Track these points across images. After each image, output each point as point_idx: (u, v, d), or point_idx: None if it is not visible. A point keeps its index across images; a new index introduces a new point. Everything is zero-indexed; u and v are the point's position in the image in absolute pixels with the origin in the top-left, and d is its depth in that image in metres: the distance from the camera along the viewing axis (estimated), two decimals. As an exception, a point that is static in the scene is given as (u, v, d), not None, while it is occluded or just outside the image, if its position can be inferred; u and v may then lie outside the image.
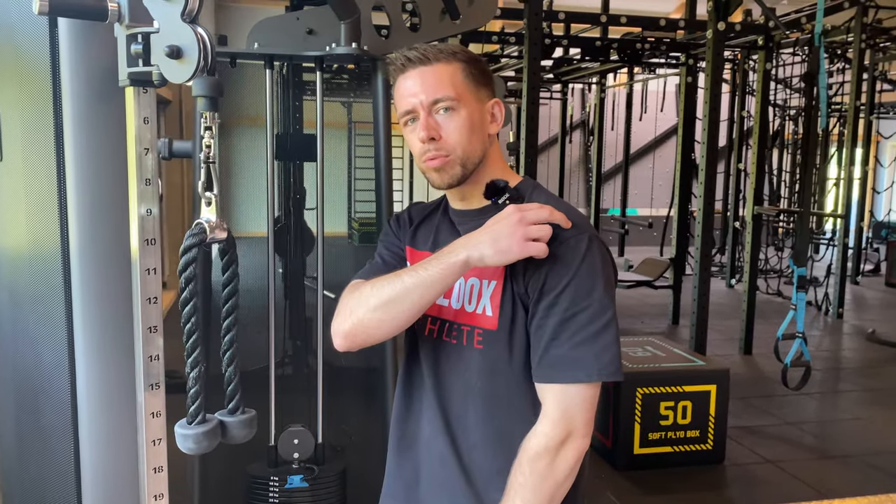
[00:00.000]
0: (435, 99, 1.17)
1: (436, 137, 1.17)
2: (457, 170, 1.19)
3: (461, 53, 1.21)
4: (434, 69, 1.18)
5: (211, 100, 1.04)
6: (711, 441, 3.74)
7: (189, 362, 1.11)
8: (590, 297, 1.09)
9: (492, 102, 1.23)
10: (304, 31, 2.31)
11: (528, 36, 4.01)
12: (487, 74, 1.23)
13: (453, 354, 1.22)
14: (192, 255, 1.06)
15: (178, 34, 1.07)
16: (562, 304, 1.10)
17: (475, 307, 1.19)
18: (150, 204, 1.23)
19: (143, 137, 1.21)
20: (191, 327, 1.10)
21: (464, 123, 1.17)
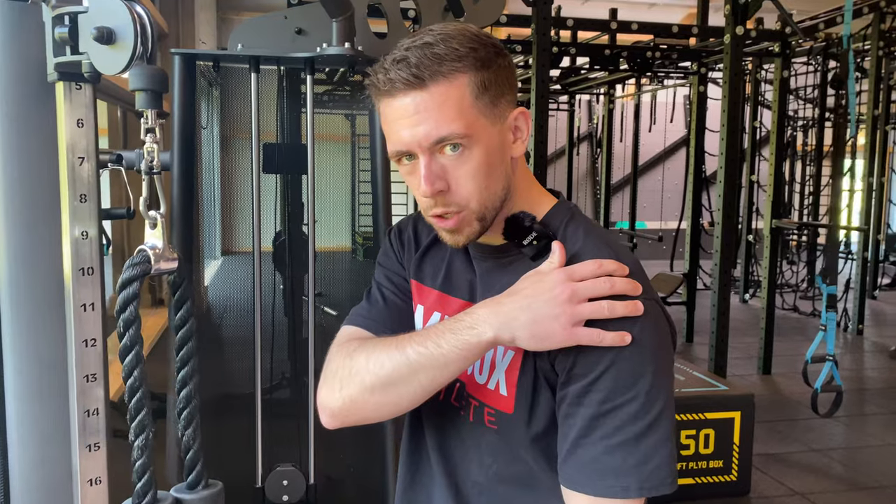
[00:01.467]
0: (438, 139, 0.85)
1: (443, 190, 0.87)
2: (474, 226, 0.90)
3: (471, 57, 0.85)
4: (433, 95, 0.84)
5: (153, 95, 0.82)
6: (736, 472, 3.49)
7: (133, 427, 0.88)
8: (635, 386, 0.82)
9: (514, 114, 0.90)
10: (292, 31, 2.10)
11: (536, 42, 3.80)
12: (507, 71, 0.89)
13: (463, 427, 0.97)
14: (131, 290, 0.83)
15: (110, 13, 0.86)
16: (598, 393, 0.82)
17: (487, 380, 0.93)
18: (87, 225, 1.01)
19: (77, 144, 1.00)
20: (133, 383, 0.88)
21: (479, 166, 0.86)
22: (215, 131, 12.04)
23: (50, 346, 1.12)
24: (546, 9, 3.81)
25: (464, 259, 1.02)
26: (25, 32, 1.08)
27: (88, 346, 1.01)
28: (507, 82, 0.89)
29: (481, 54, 0.86)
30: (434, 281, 1.03)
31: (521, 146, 0.91)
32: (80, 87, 0.98)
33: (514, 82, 0.92)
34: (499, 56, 0.88)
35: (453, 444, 0.98)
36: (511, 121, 0.90)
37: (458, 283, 1.02)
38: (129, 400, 0.88)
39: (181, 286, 0.91)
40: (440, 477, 1.00)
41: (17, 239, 1.14)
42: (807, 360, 3.58)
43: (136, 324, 0.86)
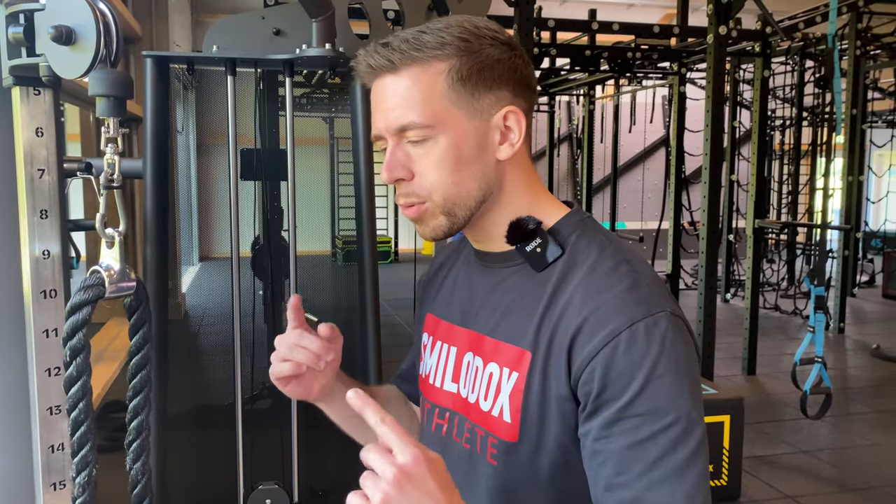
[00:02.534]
0: (401, 125, 0.81)
1: (405, 178, 0.83)
2: (440, 220, 0.84)
3: (454, 43, 0.80)
4: (402, 80, 0.81)
5: (115, 101, 0.74)
6: (726, 476, 3.45)
7: (76, 463, 0.79)
8: (673, 410, 0.74)
9: (503, 113, 0.83)
10: (270, 31, 2.02)
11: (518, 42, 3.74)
12: (502, 65, 0.82)
13: (465, 462, 0.89)
14: (81, 316, 0.74)
15: (69, 11, 0.77)
16: (631, 422, 0.74)
17: (491, 406, 0.85)
18: (49, 243, 0.93)
19: (36, 155, 0.91)
20: (78, 415, 0.79)
21: (444, 158, 0.81)
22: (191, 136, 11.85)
23: (6, 376, 1.03)
24: (528, 9, 3.75)
25: (466, 275, 0.96)
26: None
27: (52, 375, 0.93)
28: (498, 77, 0.82)
29: (471, 44, 0.81)
30: (447, 310, 0.97)
31: (509, 149, 0.84)
32: (39, 93, 0.90)
33: (515, 79, 0.84)
34: (496, 48, 0.82)
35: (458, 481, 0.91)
36: (498, 119, 0.83)
37: (454, 306, 0.96)
38: (72, 434, 0.80)
39: (138, 310, 0.82)
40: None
41: (-27, 258, 1.05)
42: (795, 362, 3.56)
43: (85, 352, 0.77)
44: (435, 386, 0.95)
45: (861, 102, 8.22)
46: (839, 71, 3.18)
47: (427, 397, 0.97)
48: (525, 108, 0.86)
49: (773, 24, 4.65)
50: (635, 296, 0.78)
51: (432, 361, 0.96)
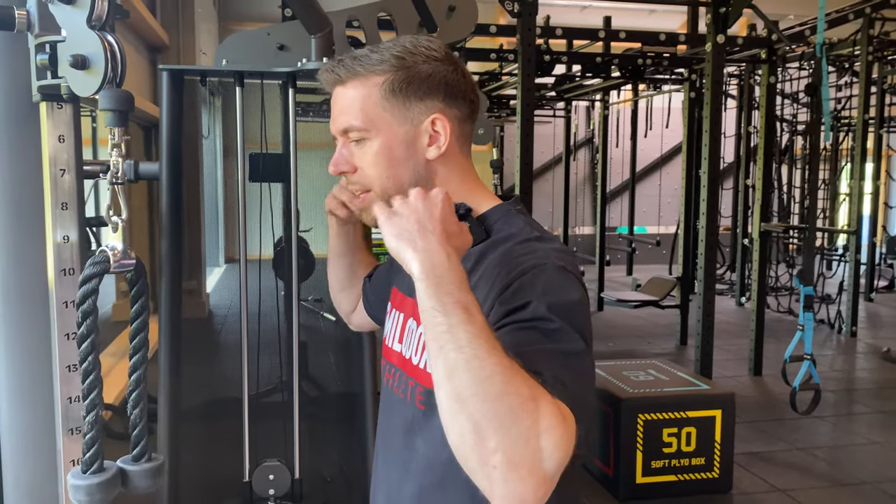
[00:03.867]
0: (344, 128, 0.99)
1: (348, 170, 1.01)
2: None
3: (392, 60, 0.96)
4: (346, 91, 0.98)
5: (120, 114, 0.94)
6: (718, 469, 3.57)
7: (85, 405, 0.99)
8: (556, 321, 0.84)
9: (430, 119, 0.98)
10: (275, 46, 2.22)
11: (521, 52, 3.92)
12: (434, 79, 0.97)
13: (401, 410, 1.05)
14: (91, 286, 0.94)
15: (84, 42, 0.97)
16: (516, 324, 0.85)
17: (419, 360, 1.00)
18: (68, 230, 1.12)
19: (58, 158, 1.11)
20: (87, 366, 0.98)
21: (378, 155, 0.98)
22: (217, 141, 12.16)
23: (36, 339, 1.24)
24: (531, 20, 3.92)
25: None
26: (15, 58, 1.20)
27: (70, 338, 1.12)
28: (429, 89, 0.97)
29: (405, 60, 0.96)
30: (399, 282, 1.14)
31: (436, 150, 0.99)
32: (62, 107, 1.10)
33: (444, 91, 0.98)
34: (428, 64, 0.97)
35: (392, 429, 1.08)
36: (427, 125, 0.98)
37: (405, 278, 1.13)
38: (83, 380, 0.99)
39: (137, 283, 1.02)
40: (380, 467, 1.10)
41: (6, 243, 1.26)
42: (785, 360, 3.67)
43: (94, 314, 0.96)
44: (388, 346, 1.13)
45: (878, 107, 8.26)
46: (826, 79, 3.30)
47: (384, 355, 1.15)
48: (458, 115, 1.01)
49: (776, 30, 4.76)
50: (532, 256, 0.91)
51: (388, 326, 1.15)
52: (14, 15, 1.05)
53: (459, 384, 0.72)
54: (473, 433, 0.71)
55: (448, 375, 0.73)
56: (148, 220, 6.53)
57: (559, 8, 10.70)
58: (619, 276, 10.73)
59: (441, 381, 0.74)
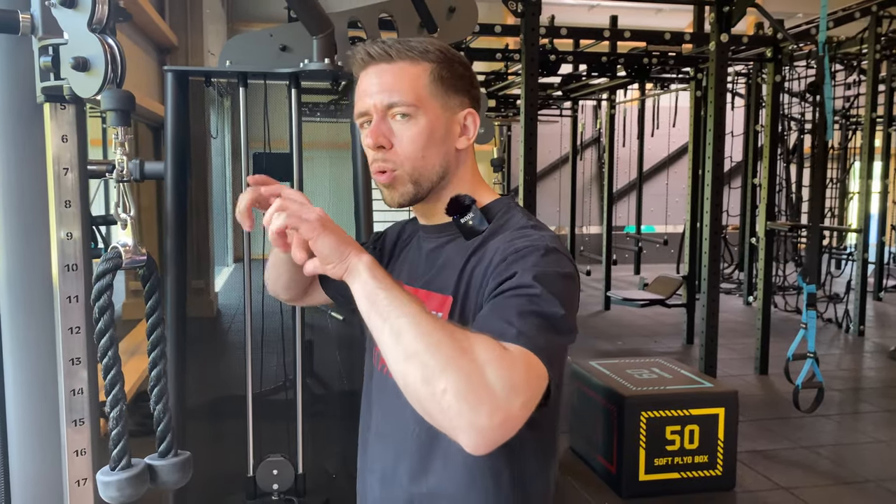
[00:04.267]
0: (390, 102, 1.01)
1: (385, 146, 1.02)
2: (407, 188, 1.04)
3: (435, 52, 1.04)
4: (395, 68, 1.02)
5: (122, 114, 0.97)
6: (721, 466, 3.59)
7: (109, 400, 1.02)
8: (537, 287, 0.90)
9: (465, 113, 1.06)
10: (277, 48, 2.25)
11: (524, 52, 3.94)
12: (466, 79, 1.06)
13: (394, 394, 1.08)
14: (105, 281, 0.97)
15: (85, 45, 1.00)
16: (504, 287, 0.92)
17: None
18: (71, 227, 1.16)
19: (61, 157, 1.14)
20: (108, 361, 1.02)
21: (421, 133, 1.01)
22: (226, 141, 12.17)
23: (40, 333, 1.27)
24: (534, 20, 3.94)
25: (416, 245, 1.17)
26: (19, 60, 1.24)
27: (73, 333, 1.16)
28: (464, 83, 1.06)
29: (447, 57, 1.05)
30: (401, 274, 1.16)
31: (465, 141, 1.06)
32: (65, 108, 1.13)
33: (471, 88, 1.08)
34: (457, 64, 1.06)
35: (387, 411, 1.11)
36: (461, 118, 1.06)
37: (403, 268, 1.16)
38: (105, 376, 1.02)
39: (150, 278, 1.05)
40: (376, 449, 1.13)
41: (12, 240, 1.29)
42: (788, 358, 3.68)
43: (110, 310, 1.00)
44: None
45: (887, 105, 8.22)
46: (829, 77, 3.30)
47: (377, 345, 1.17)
48: (477, 116, 1.09)
49: (781, 29, 4.76)
50: (527, 239, 0.98)
51: None
52: (18, 18, 1.08)
53: (406, 343, 0.80)
54: (424, 383, 0.78)
55: (396, 339, 0.81)
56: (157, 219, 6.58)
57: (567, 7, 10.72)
58: (627, 276, 10.72)
59: (390, 346, 0.82)
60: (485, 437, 0.78)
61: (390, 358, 0.82)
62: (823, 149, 3.57)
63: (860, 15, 5.81)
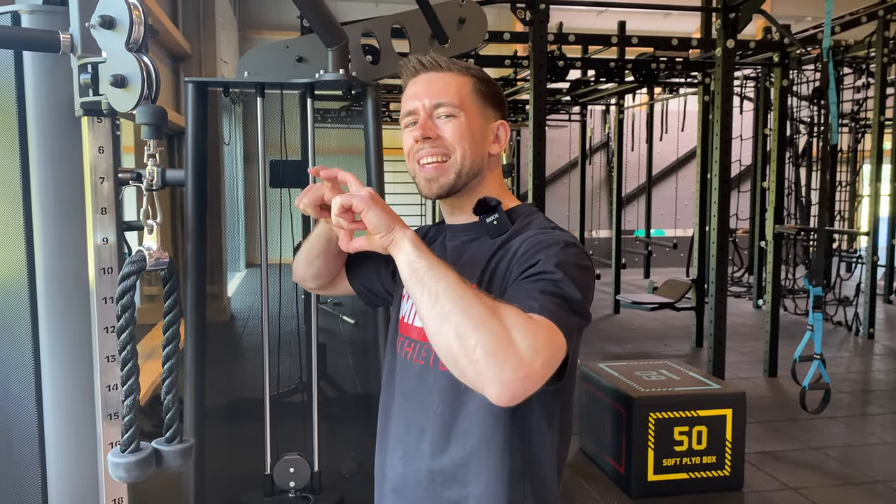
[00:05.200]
0: (438, 102, 1.16)
1: (432, 136, 1.16)
2: (451, 177, 1.16)
3: (475, 69, 1.22)
4: (443, 76, 1.18)
5: (154, 127, 1.04)
6: (729, 467, 3.63)
7: (123, 390, 1.09)
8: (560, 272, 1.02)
9: (497, 123, 1.22)
10: (294, 59, 2.33)
11: (533, 59, 4.01)
12: (498, 97, 1.23)
13: (419, 376, 1.19)
14: (129, 282, 1.05)
15: (123, 63, 1.08)
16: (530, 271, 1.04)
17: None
18: (107, 232, 1.23)
19: (98, 167, 1.22)
20: (126, 355, 1.09)
21: (464, 129, 1.16)
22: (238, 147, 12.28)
23: (77, 332, 1.35)
24: (542, 27, 4.01)
25: (440, 242, 1.27)
26: (61, 77, 1.32)
27: (109, 331, 1.23)
28: (497, 99, 1.23)
29: (482, 75, 1.23)
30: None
31: (497, 148, 1.21)
32: (101, 121, 1.21)
33: (502, 106, 1.24)
34: (492, 83, 1.23)
35: (412, 393, 1.19)
36: (494, 127, 1.21)
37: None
38: (122, 368, 1.10)
39: (170, 279, 1.13)
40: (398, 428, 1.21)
41: (51, 244, 1.37)
42: (795, 359, 3.72)
43: (132, 309, 1.07)
44: (408, 323, 1.25)
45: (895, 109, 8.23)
46: (834, 82, 3.35)
47: (401, 332, 1.26)
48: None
49: (787, 34, 4.80)
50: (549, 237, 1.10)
51: (407, 306, 1.26)
52: (59, 38, 1.16)
53: (443, 304, 0.92)
54: (457, 339, 0.90)
55: (433, 301, 0.93)
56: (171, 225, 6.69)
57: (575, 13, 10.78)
58: (637, 279, 10.75)
59: (427, 307, 0.94)
60: (509, 389, 0.88)
61: (427, 319, 0.94)
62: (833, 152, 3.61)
63: (867, 19, 5.84)
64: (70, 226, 1.37)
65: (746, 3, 4.31)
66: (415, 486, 1.17)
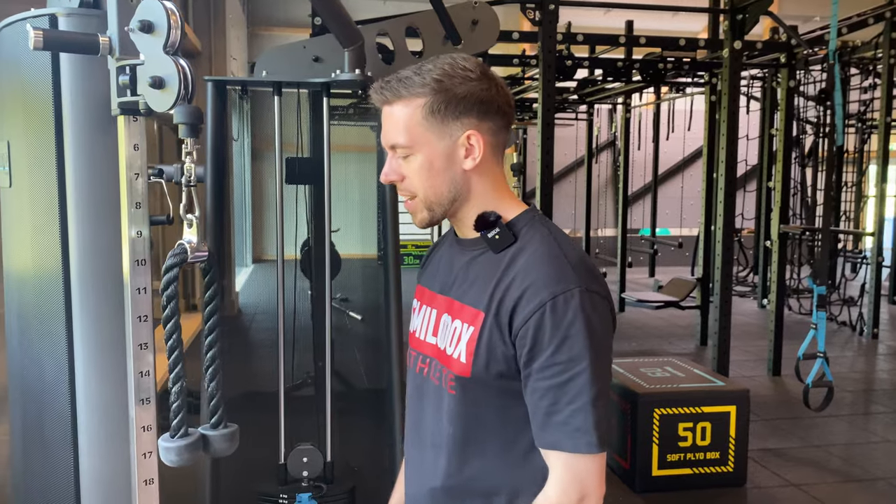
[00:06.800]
0: (392, 144, 1.13)
1: (396, 180, 1.15)
2: (424, 214, 1.16)
3: (433, 84, 1.09)
4: (393, 112, 1.11)
5: (191, 127, 1.10)
6: (732, 463, 3.68)
7: (171, 377, 1.16)
8: (584, 359, 1.03)
9: (465, 136, 1.11)
10: (310, 58, 2.38)
11: (542, 58, 4.06)
12: (464, 101, 1.10)
13: (434, 394, 1.20)
14: (172, 274, 1.11)
15: (161, 65, 1.14)
16: (556, 368, 1.04)
17: (453, 351, 1.15)
18: (141, 226, 1.29)
19: (133, 163, 1.28)
20: (173, 343, 1.15)
21: (421, 168, 1.12)
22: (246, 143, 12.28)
23: (109, 322, 1.41)
24: (551, 27, 4.06)
25: (448, 257, 1.26)
26: (96, 77, 1.38)
27: (142, 321, 1.29)
28: (460, 109, 1.10)
29: (444, 83, 1.09)
30: (433, 282, 1.28)
31: (472, 162, 1.12)
32: (136, 120, 1.27)
33: (479, 108, 1.11)
34: (464, 85, 1.10)
35: (427, 410, 1.22)
36: (463, 139, 1.11)
37: (436, 279, 1.27)
38: (169, 356, 1.16)
39: (210, 271, 1.19)
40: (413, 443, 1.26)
41: (85, 238, 1.43)
42: (798, 357, 3.76)
43: (176, 299, 1.13)
44: (421, 339, 1.27)
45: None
46: (839, 84, 3.40)
47: (413, 347, 1.29)
48: (491, 128, 1.13)
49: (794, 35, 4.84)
50: (558, 275, 1.06)
51: (418, 320, 1.29)
52: (98, 41, 1.22)
53: None
54: None
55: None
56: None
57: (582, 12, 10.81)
58: (641, 278, 10.80)
59: None
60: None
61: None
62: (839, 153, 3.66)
63: (874, 21, 5.87)
64: (103, 220, 1.43)
65: (754, 5, 4.35)
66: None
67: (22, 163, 1.50)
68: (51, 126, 1.42)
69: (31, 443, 1.56)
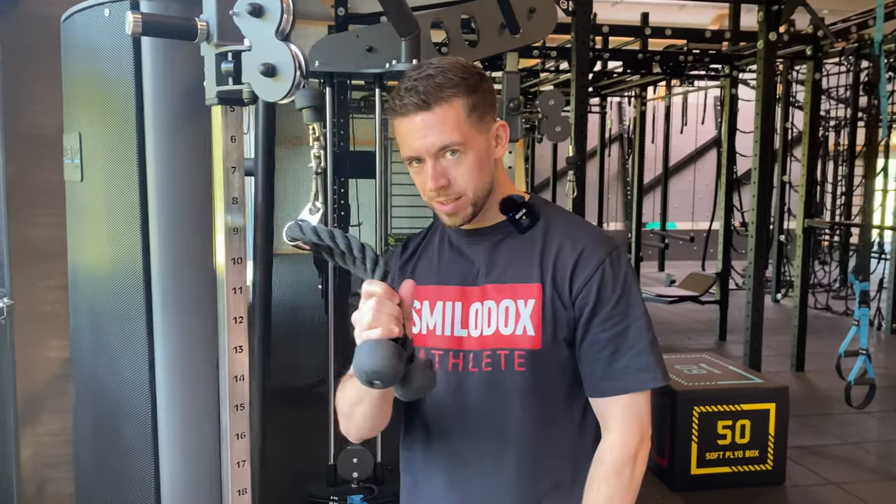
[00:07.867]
0: (442, 146, 1.10)
1: (445, 185, 1.12)
2: (468, 210, 1.15)
3: (463, 84, 1.11)
4: (436, 114, 1.09)
5: (316, 110, 1.04)
6: (771, 461, 3.63)
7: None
8: (639, 307, 1.16)
9: (496, 126, 1.17)
10: (363, 48, 2.31)
11: (575, 50, 3.98)
12: (490, 93, 1.16)
13: (485, 384, 1.16)
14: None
15: (272, 52, 1.07)
16: (617, 317, 1.14)
17: (514, 329, 1.15)
18: (238, 222, 1.22)
19: (230, 156, 1.21)
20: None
21: (472, 165, 1.13)
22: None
23: (196, 324, 1.34)
24: (584, 18, 3.98)
25: (450, 252, 1.23)
26: (179, 64, 1.30)
27: (237, 322, 1.22)
28: (490, 102, 1.16)
29: (470, 82, 1.12)
30: (430, 278, 1.22)
31: (501, 150, 1.18)
32: (234, 110, 1.19)
33: (495, 101, 1.18)
34: (483, 82, 1.15)
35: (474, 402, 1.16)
36: (494, 132, 1.17)
37: (450, 274, 1.22)
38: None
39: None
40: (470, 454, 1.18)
41: (167, 235, 1.36)
42: (840, 354, 3.71)
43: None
44: (443, 335, 1.19)
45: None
46: (884, 76, 3.33)
47: (435, 345, 1.20)
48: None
49: (824, 28, 4.78)
50: (601, 237, 1.20)
51: (434, 319, 1.21)
52: (196, 26, 1.15)
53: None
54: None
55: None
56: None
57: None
58: (652, 272, 10.75)
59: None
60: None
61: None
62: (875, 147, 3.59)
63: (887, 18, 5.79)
64: (186, 216, 1.37)
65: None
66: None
67: (97, 156, 1.43)
68: (131, 117, 1.35)
69: (104, 448, 1.49)
